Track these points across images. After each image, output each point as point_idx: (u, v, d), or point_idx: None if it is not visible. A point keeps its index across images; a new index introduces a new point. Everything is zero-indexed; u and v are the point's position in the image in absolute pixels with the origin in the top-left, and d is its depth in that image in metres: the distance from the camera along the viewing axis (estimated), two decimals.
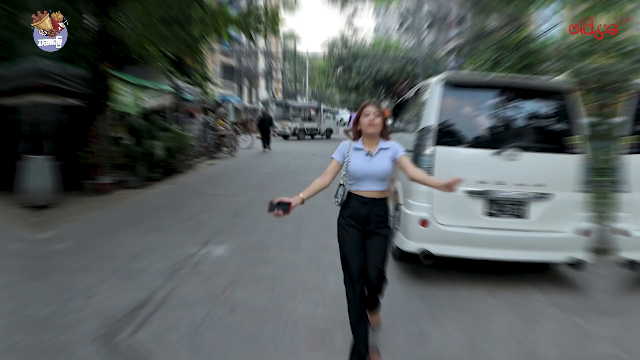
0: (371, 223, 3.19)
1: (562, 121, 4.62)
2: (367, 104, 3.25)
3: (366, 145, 3.25)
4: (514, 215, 4.54)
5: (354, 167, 3.18)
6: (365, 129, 3.20)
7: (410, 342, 3.59)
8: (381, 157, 3.20)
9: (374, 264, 3.16)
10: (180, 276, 4.90)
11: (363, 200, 3.18)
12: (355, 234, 3.20)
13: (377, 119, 3.17)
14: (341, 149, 3.30)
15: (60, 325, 3.77)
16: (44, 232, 6.71)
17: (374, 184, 3.19)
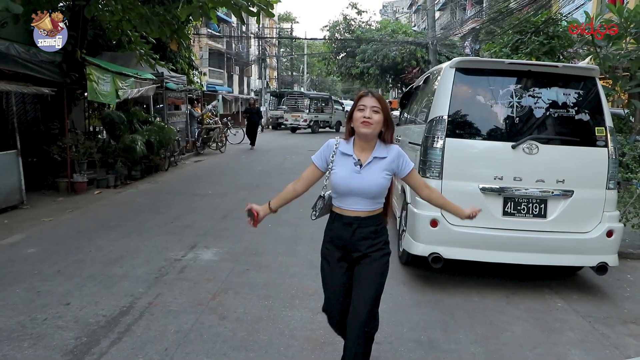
0: (358, 248, 2.78)
1: (584, 111, 4.74)
2: (365, 93, 2.75)
3: (357, 150, 2.76)
4: (531, 214, 4.66)
5: (338, 179, 2.73)
6: (357, 127, 2.70)
7: (419, 353, 3.71)
8: (374, 168, 2.72)
9: (359, 302, 2.74)
10: (165, 282, 5.02)
11: (345, 221, 2.77)
12: (337, 270, 2.86)
13: (375, 115, 2.66)
14: (325, 150, 2.84)
15: (35, 334, 3.88)
16: (13, 235, 6.84)
17: (362, 201, 2.74)
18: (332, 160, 2.77)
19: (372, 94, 2.73)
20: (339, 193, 2.75)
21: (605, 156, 4.67)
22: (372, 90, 2.80)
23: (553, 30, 9.62)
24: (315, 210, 2.87)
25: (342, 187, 2.71)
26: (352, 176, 2.69)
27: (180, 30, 10.69)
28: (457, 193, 4.68)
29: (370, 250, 2.76)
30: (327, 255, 2.89)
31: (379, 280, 2.77)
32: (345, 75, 31.88)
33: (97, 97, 10.35)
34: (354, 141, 2.79)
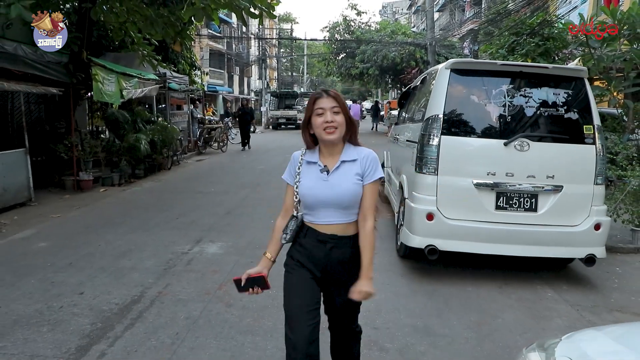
0: (333, 274, 2.47)
1: (573, 110, 4.97)
2: (319, 94, 2.44)
3: (323, 157, 2.48)
4: (523, 208, 4.90)
5: (304, 189, 2.44)
6: (320, 135, 2.40)
7: (415, 337, 3.94)
8: (344, 174, 2.41)
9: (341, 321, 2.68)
10: (173, 273, 5.26)
11: (319, 238, 2.43)
12: (305, 279, 2.48)
13: (337, 117, 2.38)
14: (291, 164, 2.57)
15: (53, 320, 4.12)
16: (24, 230, 7.08)
17: (336, 213, 2.41)
18: (298, 172, 2.49)
19: (327, 93, 2.43)
20: (309, 205, 2.45)
21: (593, 153, 4.90)
22: (326, 90, 2.48)
23: (548, 32, 9.87)
24: (286, 233, 2.48)
25: (310, 198, 2.42)
26: (319, 185, 2.41)
27: (184, 31, 10.93)
28: (452, 188, 4.95)
29: (348, 276, 2.42)
30: (294, 271, 2.50)
31: (358, 307, 2.63)
32: (345, 76, 32.12)
33: (102, 97, 10.60)
34: (319, 148, 2.50)
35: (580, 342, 1.90)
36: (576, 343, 1.89)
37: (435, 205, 4.94)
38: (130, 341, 3.77)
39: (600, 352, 1.81)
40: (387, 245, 6.34)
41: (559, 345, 1.89)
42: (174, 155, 14.27)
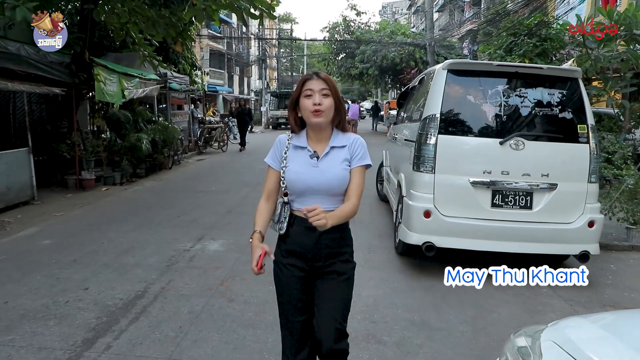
0: (322, 259, 2.41)
1: (568, 110, 5.08)
2: (310, 76, 2.39)
3: (312, 142, 2.42)
4: (518, 206, 5.01)
5: (292, 174, 2.38)
6: (308, 117, 2.35)
7: (412, 330, 4.05)
8: (333, 159, 2.38)
9: (328, 320, 2.38)
10: (175, 270, 5.37)
11: (307, 225, 2.27)
12: (296, 279, 2.44)
13: (325, 100, 2.32)
14: (277, 147, 2.48)
15: (59, 314, 4.23)
16: (27, 228, 7.18)
17: (324, 200, 2.35)
18: (285, 157, 2.41)
19: (317, 75, 2.37)
20: (296, 192, 2.39)
21: (587, 152, 5.01)
22: (317, 72, 2.42)
23: (545, 32, 9.99)
24: (281, 221, 2.42)
25: (299, 183, 2.36)
26: (308, 170, 2.35)
27: (185, 32, 11.03)
28: (449, 186, 5.06)
29: (336, 264, 2.42)
30: (281, 263, 2.46)
31: (347, 296, 2.47)
32: (345, 76, 32.24)
33: (104, 97, 10.70)
34: (306, 133, 2.45)
35: (566, 329, 2.00)
36: (561, 329, 1.99)
37: (433, 203, 5.05)
38: (135, 334, 3.88)
39: (584, 337, 1.90)
40: (386, 243, 6.45)
41: (544, 331, 1.99)
42: (174, 155, 14.37)
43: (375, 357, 3.60)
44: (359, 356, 3.57)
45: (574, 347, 1.75)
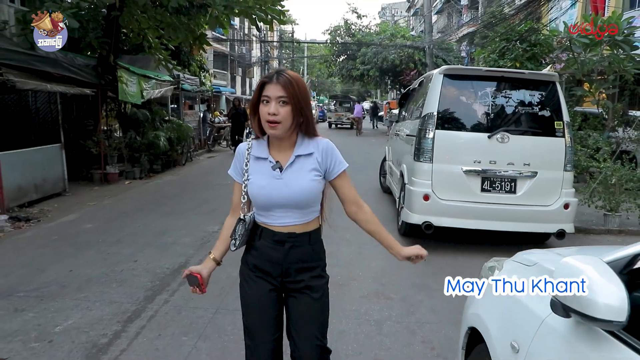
0: (292, 275, 2.19)
1: (546, 108, 5.93)
2: (269, 79, 2.09)
3: (274, 151, 2.19)
4: (504, 190, 5.85)
5: (254, 188, 2.15)
6: (264, 126, 2.10)
7: (415, 290, 4.89)
8: (299, 170, 2.14)
9: (307, 339, 2.17)
10: (208, 247, 6.18)
11: (276, 238, 2.16)
12: (265, 295, 2.22)
13: (282, 109, 2.05)
14: (237, 158, 2.26)
15: (119, 279, 5.06)
16: (67, 215, 8.01)
17: (292, 214, 2.16)
18: (246, 169, 2.19)
19: (278, 78, 2.06)
20: (260, 206, 2.18)
21: (563, 144, 5.85)
22: (280, 71, 2.11)
23: (535, 38, 10.85)
24: (235, 238, 2.20)
25: (262, 198, 2.13)
26: (271, 183, 2.11)
27: (202, 37, 11.88)
28: (444, 174, 5.90)
29: (308, 280, 2.20)
30: (251, 280, 2.26)
31: (324, 313, 2.26)
32: (346, 77, 33.16)
33: (125, 97, 11.53)
34: (268, 140, 2.20)
35: (528, 254, 2.72)
36: (525, 255, 2.73)
37: (431, 188, 5.89)
38: (186, 293, 4.70)
39: (541, 258, 2.47)
40: (390, 227, 7.26)
41: (511, 257, 2.77)
42: (188, 152, 15.20)
43: (385, 308, 4.44)
44: (372, 308, 4.40)
45: (526, 259, 2.53)
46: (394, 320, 4.22)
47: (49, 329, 3.93)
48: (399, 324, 4.15)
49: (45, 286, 4.84)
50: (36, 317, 4.15)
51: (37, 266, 5.45)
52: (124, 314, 4.24)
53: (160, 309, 4.34)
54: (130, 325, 4.02)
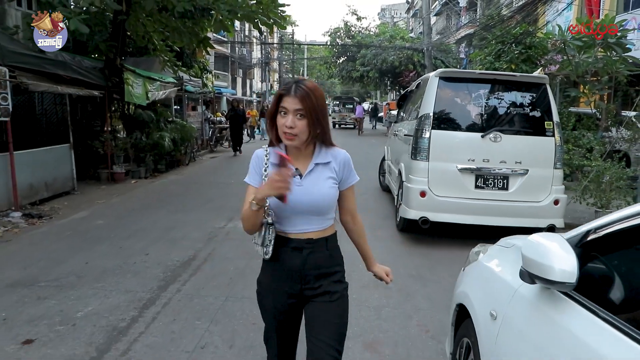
0: (310, 281, 2.18)
1: (537, 109, 6.23)
2: (286, 91, 2.09)
3: (292, 158, 2.16)
4: (496, 187, 6.16)
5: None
6: (281, 137, 2.13)
7: (411, 280, 5.20)
8: (318, 177, 2.18)
9: (323, 344, 2.13)
10: (216, 241, 6.51)
11: (293, 245, 2.18)
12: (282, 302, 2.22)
13: (300, 122, 2.07)
14: (256, 164, 2.26)
15: (133, 270, 5.37)
16: (78, 212, 8.31)
17: (309, 220, 2.19)
18: (265, 174, 2.19)
19: (295, 91, 2.06)
20: (280, 214, 2.18)
21: (553, 144, 6.16)
22: (297, 83, 2.12)
23: (530, 40, 11.15)
24: (266, 245, 2.17)
25: (283, 205, 2.10)
26: (292, 190, 2.06)
27: (206, 40, 12.19)
28: (440, 171, 6.21)
29: (327, 285, 2.20)
30: (266, 291, 2.27)
31: (342, 319, 2.24)
32: (346, 78, 33.53)
33: (131, 99, 11.83)
34: (286, 148, 2.20)
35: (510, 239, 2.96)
36: (507, 239, 3.00)
37: (427, 185, 6.20)
38: (197, 283, 5.02)
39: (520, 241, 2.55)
40: (389, 222, 7.60)
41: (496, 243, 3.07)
42: (191, 152, 15.51)
43: (383, 296, 4.74)
44: (371, 296, 4.71)
45: (507, 243, 2.82)
46: (391, 307, 4.53)
47: (71, 314, 4.23)
48: (396, 310, 4.46)
49: (63, 277, 5.15)
50: (58, 304, 4.46)
51: (55, 259, 5.77)
52: (139, 301, 4.55)
53: (173, 297, 4.65)
54: (146, 312, 4.32)
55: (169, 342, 3.77)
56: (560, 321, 1.72)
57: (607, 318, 1.54)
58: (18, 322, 4.07)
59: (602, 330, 1.52)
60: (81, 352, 3.60)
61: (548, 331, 1.76)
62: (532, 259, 1.79)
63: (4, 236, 6.79)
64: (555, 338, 1.70)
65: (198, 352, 3.61)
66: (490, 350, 2.17)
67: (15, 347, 3.66)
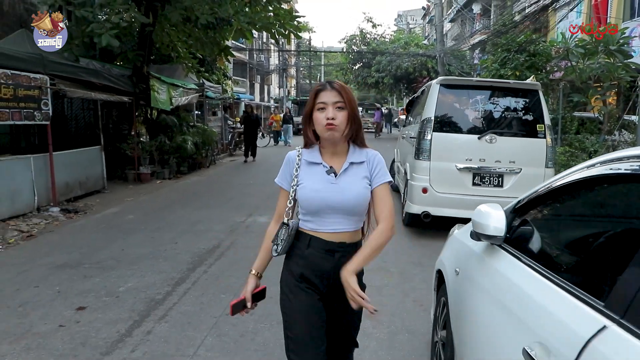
0: (338, 284, 2.11)
1: (529, 113, 6.81)
2: (323, 86, 2.18)
3: (326, 157, 2.24)
4: (492, 185, 6.75)
5: (307, 193, 2.18)
6: (321, 132, 2.16)
7: (412, 266, 5.82)
8: (353, 176, 2.20)
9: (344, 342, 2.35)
10: (237, 233, 7.19)
11: (327, 248, 2.18)
12: (311, 303, 2.20)
13: (340, 113, 2.13)
14: (287, 165, 2.32)
15: (164, 256, 6.06)
16: (110, 208, 9.06)
17: (343, 220, 2.19)
18: (296, 174, 2.24)
19: (331, 85, 2.16)
20: (312, 211, 2.18)
21: (544, 145, 6.73)
22: (330, 81, 2.21)
23: (533, 48, 11.73)
24: (277, 244, 2.26)
25: (317, 202, 2.15)
26: (327, 187, 2.15)
27: (227, 49, 12.94)
28: (440, 170, 6.82)
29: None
30: (293, 288, 2.23)
31: (360, 319, 2.35)
32: (361, 85, 34.25)
33: (157, 104, 12.63)
34: (319, 148, 2.26)
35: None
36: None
37: (429, 182, 6.81)
38: (221, 266, 5.69)
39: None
40: (396, 218, 8.20)
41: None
42: (212, 155, 16.26)
43: (385, 278, 5.37)
44: (374, 278, 5.32)
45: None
46: (391, 287, 5.16)
47: (114, 289, 4.93)
48: (395, 289, 5.09)
49: (103, 260, 5.87)
50: (102, 281, 5.17)
51: (94, 246, 6.49)
52: (172, 280, 5.23)
53: (201, 277, 5.33)
54: (178, 288, 5.00)
55: (199, 310, 4.45)
56: (497, 267, 2.34)
57: (527, 262, 2.15)
58: (70, 294, 4.79)
59: (523, 271, 2.13)
60: (125, 317, 4.29)
61: (488, 275, 2.39)
62: (477, 221, 2.43)
63: (47, 228, 7.55)
64: (493, 279, 2.33)
65: (224, 318, 4.27)
66: (455, 300, 2.80)
67: (72, 312, 4.37)
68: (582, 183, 2.05)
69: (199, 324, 4.17)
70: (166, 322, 4.20)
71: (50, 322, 4.19)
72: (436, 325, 3.39)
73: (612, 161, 1.84)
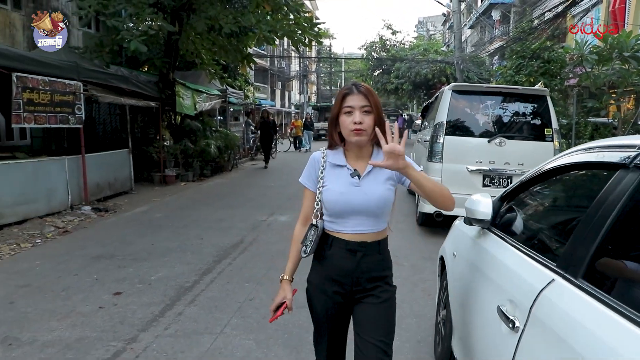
0: (361, 283, 2.21)
1: (537, 118, 7.14)
2: (350, 90, 2.18)
3: (351, 160, 2.26)
4: (501, 186, 7.07)
5: (332, 195, 2.22)
6: (348, 136, 2.18)
7: (422, 259, 6.18)
8: (376, 179, 2.22)
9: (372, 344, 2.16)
10: (259, 230, 7.62)
11: (348, 247, 2.21)
12: (335, 306, 2.28)
13: (367, 117, 2.14)
14: (311, 166, 2.34)
15: (191, 249, 6.51)
16: (138, 208, 9.56)
17: (366, 221, 2.21)
18: (321, 176, 2.27)
19: (357, 88, 2.16)
20: (336, 213, 2.22)
21: (552, 148, 7.04)
22: (357, 84, 2.21)
23: (548, 55, 11.99)
24: (306, 245, 2.26)
25: (340, 204, 2.19)
26: (350, 190, 2.18)
27: (249, 56, 13.44)
28: (452, 172, 7.17)
29: (377, 288, 2.22)
30: (318, 290, 2.30)
31: (391, 321, 2.26)
32: (381, 91, 34.62)
33: (182, 109, 13.15)
34: (344, 150, 2.28)
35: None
36: None
37: (441, 183, 7.15)
38: (244, 259, 6.12)
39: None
40: (410, 219, 8.57)
41: None
42: (234, 159, 16.76)
43: (396, 270, 5.69)
44: None
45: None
46: (402, 278, 5.52)
47: (147, 278, 5.39)
48: (406, 280, 5.46)
49: (135, 253, 6.33)
50: (135, 271, 5.63)
51: (126, 240, 6.98)
52: (199, 270, 5.67)
53: (226, 268, 5.76)
54: (205, 277, 5.44)
55: (224, 296, 4.88)
56: (485, 246, 2.71)
57: (507, 240, 2.52)
58: (107, 282, 5.25)
59: (502, 247, 2.50)
60: (158, 300, 4.73)
61: (476, 253, 2.77)
62: (468, 207, 2.81)
63: (80, 224, 8.06)
64: (479, 255, 2.71)
65: (247, 303, 4.69)
66: (452, 280, 3.17)
67: (109, 296, 4.83)
68: (553, 171, 2.44)
69: (225, 307, 4.60)
70: (195, 305, 4.63)
71: (90, 304, 4.65)
72: (439, 307, 3.75)
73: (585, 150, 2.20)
